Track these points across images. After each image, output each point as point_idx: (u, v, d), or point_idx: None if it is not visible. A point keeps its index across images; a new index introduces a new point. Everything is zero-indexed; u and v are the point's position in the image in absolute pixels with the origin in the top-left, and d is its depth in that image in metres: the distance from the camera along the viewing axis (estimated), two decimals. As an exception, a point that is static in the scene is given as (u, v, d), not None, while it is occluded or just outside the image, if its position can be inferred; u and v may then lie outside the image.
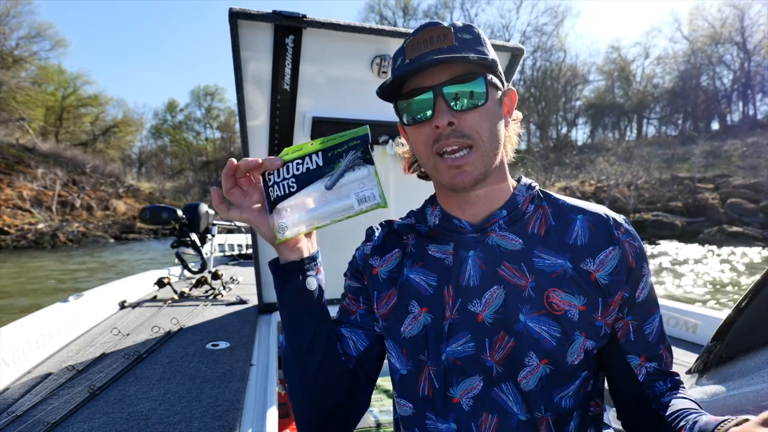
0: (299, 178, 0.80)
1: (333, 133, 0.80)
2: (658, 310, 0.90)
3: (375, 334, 0.98)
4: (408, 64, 0.82)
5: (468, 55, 0.77)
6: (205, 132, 58.79)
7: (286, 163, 0.81)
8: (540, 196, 0.93)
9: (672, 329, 2.34)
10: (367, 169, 0.79)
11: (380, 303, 0.95)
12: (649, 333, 0.88)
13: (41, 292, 11.76)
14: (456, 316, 0.86)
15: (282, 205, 0.80)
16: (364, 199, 0.78)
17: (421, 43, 0.82)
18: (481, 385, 0.84)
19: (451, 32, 0.81)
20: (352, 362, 0.95)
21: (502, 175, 0.90)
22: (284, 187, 0.80)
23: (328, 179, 0.79)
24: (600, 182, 31.35)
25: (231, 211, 0.82)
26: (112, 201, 33.67)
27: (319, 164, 0.80)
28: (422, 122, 0.83)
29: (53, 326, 2.08)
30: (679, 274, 13.23)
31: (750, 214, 22.88)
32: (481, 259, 0.87)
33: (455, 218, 0.91)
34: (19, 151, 33.60)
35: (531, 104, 47.64)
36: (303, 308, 0.87)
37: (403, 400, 0.93)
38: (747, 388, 1.06)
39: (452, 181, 0.83)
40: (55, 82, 43.75)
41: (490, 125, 0.83)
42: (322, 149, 0.81)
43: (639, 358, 0.88)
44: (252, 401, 1.63)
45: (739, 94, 41.86)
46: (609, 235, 0.84)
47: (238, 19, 1.92)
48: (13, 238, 23.86)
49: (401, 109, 0.87)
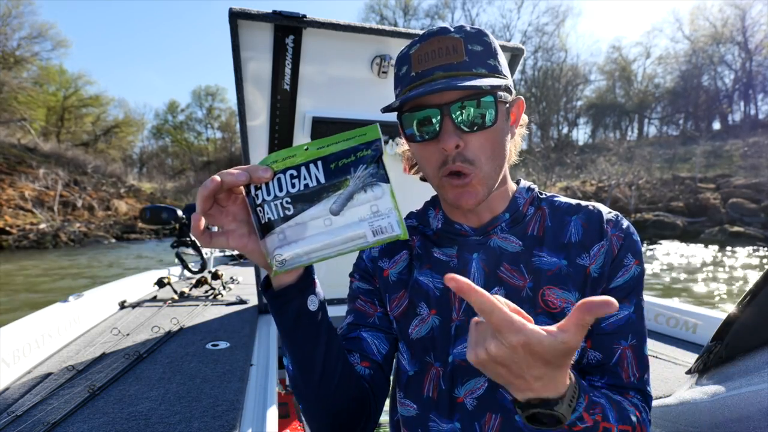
0: (296, 197, 0.64)
1: (333, 133, 0.66)
2: (629, 306, 0.84)
3: (393, 337, 0.98)
4: (413, 78, 0.80)
5: (480, 84, 0.74)
6: (206, 132, 59.06)
7: (277, 175, 0.64)
8: (539, 198, 0.94)
9: (672, 329, 2.33)
10: (381, 188, 0.63)
11: (392, 305, 0.96)
12: (605, 319, 0.83)
13: (43, 291, 11.78)
14: (462, 318, 0.87)
15: (277, 229, 0.64)
16: (380, 230, 0.63)
17: (429, 55, 0.79)
18: (486, 385, 0.85)
19: (462, 44, 0.78)
20: (374, 366, 0.92)
21: (504, 183, 0.91)
22: (278, 208, 0.64)
23: (333, 201, 0.63)
24: (601, 182, 31.32)
25: (215, 238, 0.67)
26: (113, 201, 33.73)
27: (321, 181, 0.64)
28: (428, 141, 0.81)
29: (53, 326, 2.08)
30: (681, 274, 13.21)
31: (751, 214, 22.84)
32: (484, 261, 0.88)
33: (457, 223, 0.92)
34: (21, 151, 33.67)
35: (532, 104, 47.62)
36: (308, 334, 0.78)
37: (407, 401, 0.93)
38: (747, 388, 1.06)
39: (457, 201, 0.83)
40: (57, 82, 43.91)
41: (494, 146, 0.81)
42: (323, 157, 0.64)
43: (584, 342, 0.84)
44: (252, 401, 1.62)
45: (740, 94, 41.85)
46: (599, 230, 0.86)
47: (238, 19, 1.91)
48: (15, 238, 23.91)
49: (405, 123, 0.83)
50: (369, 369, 0.91)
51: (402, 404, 0.95)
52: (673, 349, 2.10)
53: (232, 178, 0.62)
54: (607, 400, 0.74)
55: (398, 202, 0.64)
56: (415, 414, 0.91)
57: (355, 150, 0.64)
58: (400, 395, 0.96)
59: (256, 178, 0.63)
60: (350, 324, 0.98)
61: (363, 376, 0.90)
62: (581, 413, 0.65)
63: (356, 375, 0.87)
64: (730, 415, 1.05)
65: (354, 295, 1.01)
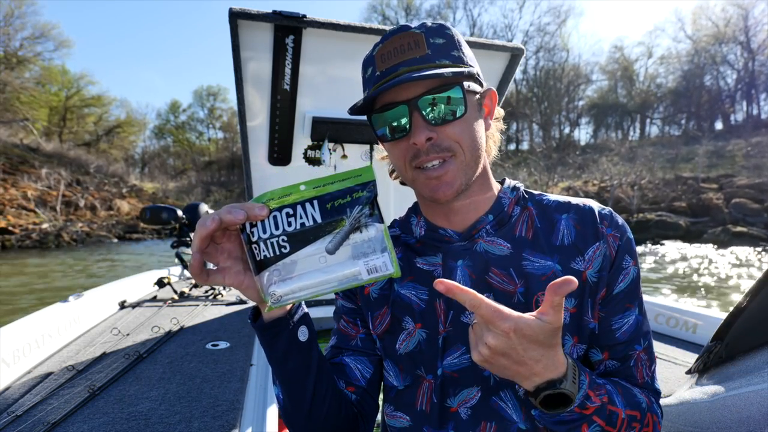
0: (293, 237, 0.65)
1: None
2: (635, 309, 0.85)
3: (378, 358, 0.96)
4: (378, 77, 0.79)
5: (442, 72, 0.73)
6: (208, 132, 59.17)
7: (273, 212, 0.65)
8: (525, 197, 0.91)
9: (672, 329, 2.33)
10: (375, 228, 0.65)
11: (375, 323, 0.93)
12: (618, 329, 0.83)
13: (47, 290, 11.80)
14: (450, 329, 0.85)
15: (272, 267, 0.65)
16: (375, 269, 0.65)
17: (392, 53, 0.78)
18: (479, 395, 0.84)
19: (423, 38, 0.77)
20: (359, 391, 0.92)
21: (486, 181, 0.89)
22: (273, 246, 0.65)
23: (329, 241, 0.65)
24: (603, 182, 31.24)
25: (212, 276, 0.67)
26: (115, 201, 33.84)
27: (317, 220, 0.65)
28: (400, 139, 0.80)
29: (53, 326, 2.08)
30: (683, 274, 13.18)
31: (754, 214, 22.75)
32: (470, 267, 0.85)
33: (441, 228, 0.89)
34: (24, 151, 33.79)
35: (534, 104, 47.61)
36: (298, 364, 0.78)
37: (399, 413, 0.92)
38: (747, 388, 1.05)
39: (433, 194, 0.81)
40: (59, 82, 44.06)
41: (470, 134, 0.80)
42: (318, 197, 0.66)
43: (601, 354, 0.85)
44: (252, 401, 1.62)
45: (743, 94, 41.72)
46: (594, 231, 0.83)
47: (238, 19, 1.92)
48: (18, 237, 24.01)
49: (376, 123, 0.83)
50: (355, 394, 0.91)
51: (393, 417, 0.93)
52: (673, 349, 2.10)
53: (231, 217, 0.62)
54: (613, 385, 0.75)
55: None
56: (408, 426, 0.90)
57: (351, 191, 0.66)
58: (389, 409, 0.94)
59: (252, 216, 0.63)
60: (333, 347, 0.98)
61: (350, 401, 0.90)
62: (586, 391, 0.69)
63: (346, 401, 0.88)
64: (730, 415, 1.05)
65: (338, 314, 1.00)
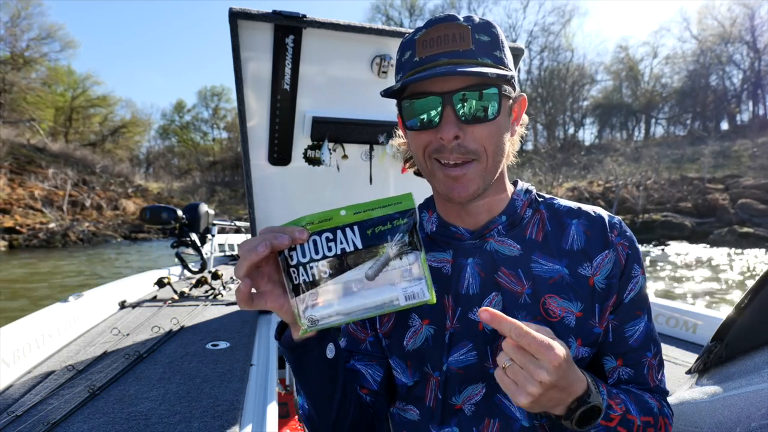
0: (333, 262, 0.65)
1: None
2: (644, 316, 0.86)
3: (386, 361, 0.96)
4: (417, 63, 0.77)
5: (486, 71, 0.71)
6: (212, 132, 59.28)
7: (312, 236, 0.66)
8: (537, 200, 0.91)
9: (672, 329, 2.31)
10: (414, 256, 0.66)
11: (382, 321, 0.94)
12: (630, 336, 0.85)
13: (52, 289, 11.86)
14: (457, 326, 0.85)
15: (311, 291, 0.66)
16: (413, 295, 0.65)
17: (435, 41, 0.75)
18: (484, 391, 0.84)
19: (469, 32, 0.74)
20: (372, 395, 0.93)
21: (501, 183, 0.88)
22: (313, 270, 0.65)
23: (369, 267, 0.65)
24: (608, 183, 31.13)
25: (256, 300, 0.68)
26: (121, 201, 34.01)
27: (358, 246, 0.65)
28: (426, 129, 0.78)
29: (53, 326, 2.08)
30: (689, 275, 13.10)
31: (761, 215, 22.61)
32: (479, 266, 0.85)
33: (453, 226, 0.89)
34: (31, 151, 34.02)
35: (538, 104, 47.43)
36: (325, 380, 0.79)
37: (410, 406, 0.92)
38: (747, 388, 1.05)
39: (449, 193, 0.80)
40: (65, 82, 44.34)
41: (497, 139, 0.78)
42: (359, 222, 0.66)
43: (615, 361, 0.86)
44: (252, 401, 1.62)
45: (748, 94, 41.48)
46: (604, 239, 0.84)
47: (238, 19, 1.92)
48: (25, 237, 24.19)
49: (405, 110, 0.80)
50: (369, 396, 0.93)
51: (405, 409, 0.94)
52: (673, 349, 2.08)
53: (278, 243, 0.63)
54: (626, 394, 0.77)
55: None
56: (417, 419, 0.91)
57: (391, 218, 0.66)
58: (401, 404, 0.95)
59: (294, 240, 0.64)
60: (344, 350, 0.98)
61: (366, 403, 0.92)
62: (607, 400, 0.70)
63: (365, 406, 0.90)
64: (730, 415, 1.04)
65: None
